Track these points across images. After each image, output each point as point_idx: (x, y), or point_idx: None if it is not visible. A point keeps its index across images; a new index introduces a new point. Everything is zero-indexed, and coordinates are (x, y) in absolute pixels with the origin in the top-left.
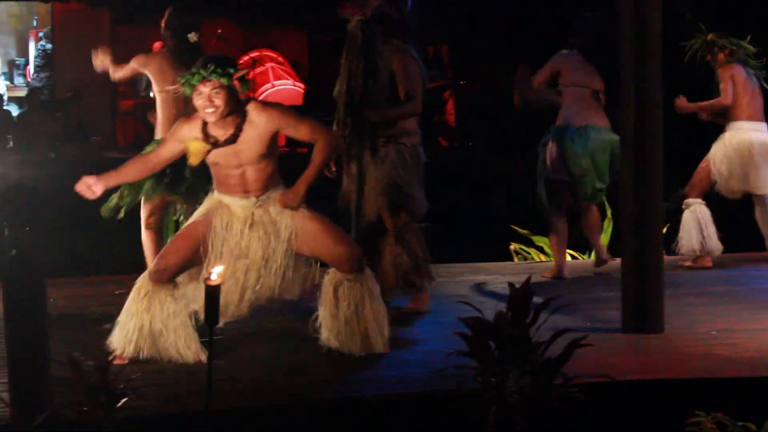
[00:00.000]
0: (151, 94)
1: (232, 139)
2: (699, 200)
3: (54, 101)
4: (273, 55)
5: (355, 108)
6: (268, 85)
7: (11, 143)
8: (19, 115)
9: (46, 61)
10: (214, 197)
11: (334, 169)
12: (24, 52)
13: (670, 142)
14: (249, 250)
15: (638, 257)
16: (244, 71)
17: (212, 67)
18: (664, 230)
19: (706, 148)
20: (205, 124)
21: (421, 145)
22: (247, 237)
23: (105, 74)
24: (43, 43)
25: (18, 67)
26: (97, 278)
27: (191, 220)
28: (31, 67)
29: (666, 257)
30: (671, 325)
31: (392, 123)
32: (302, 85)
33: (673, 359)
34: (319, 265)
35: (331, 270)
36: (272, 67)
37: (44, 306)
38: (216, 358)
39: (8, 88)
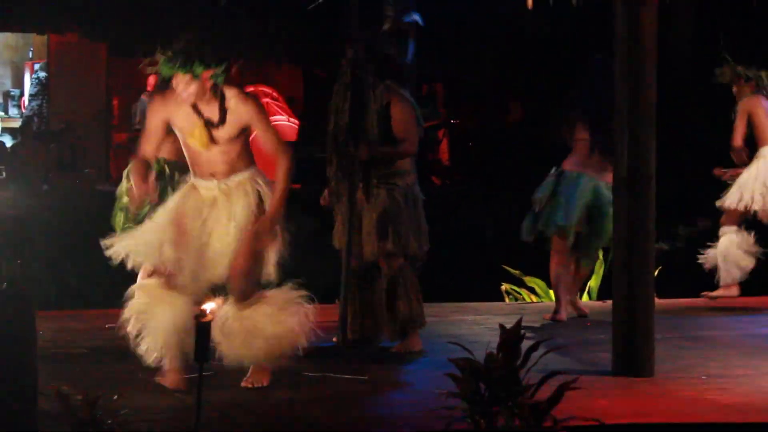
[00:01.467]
0: None
1: (222, 122)
2: (733, 228)
3: (47, 132)
4: (268, 90)
5: (341, 146)
6: None
7: (3, 174)
8: (12, 146)
9: (39, 88)
10: (188, 181)
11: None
12: (19, 83)
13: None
14: (209, 230)
15: (629, 300)
16: (218, 70)
17: (179, 62)
18: (656, 272)
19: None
20: (194, 105)
21: (417, 185)
22: (208, 218)
23: (99, 106)
24: (38, 74)
25: (13, 98)
26: (87, 312)
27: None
28: (26, 99)
29: (657, 300)
30: (661, 368)
31: (385, 164)
32: (297, 121)
33: (662, 403)
34: None
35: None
36: (267, 103)
37: (34, 340)
38: (206, 394)
39: (3, 119)
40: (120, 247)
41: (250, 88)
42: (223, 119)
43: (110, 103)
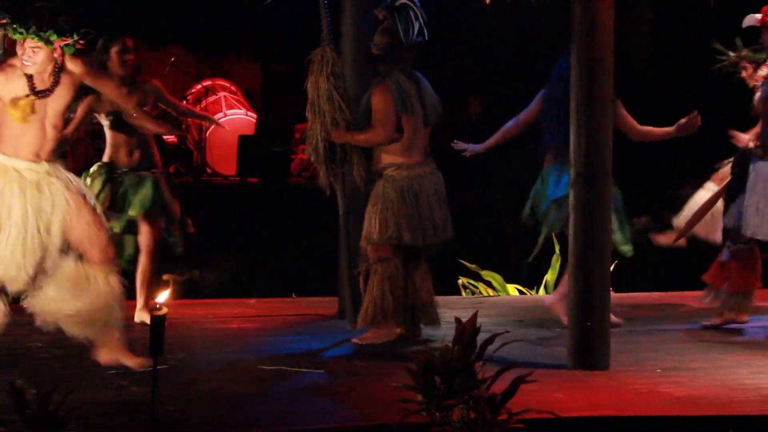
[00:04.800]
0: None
1: (52, 89)
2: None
3: None
4: (226, 84)
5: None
6: (221, 114)
7: None
8: None
9: None
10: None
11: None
12: None
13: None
14: (32, 213)
15: (585, 294)
16: (70, 42)
17: (33, 29)
18: (612, 267)
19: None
20: (30, 76)
21: (429, 177)
22: (33, 200)
23: None
24: None
25: None
26: None
27: None
28: None
29: (613, 294)
30: (617, 362)
31: (375, 155)
32: (255, 115)
33: (617, 396)
34: None
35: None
36: (225, 97)
37: None
38: (160, 388)
39: None
40: None
41: (208, 82)
42: (53, 87)
43: None
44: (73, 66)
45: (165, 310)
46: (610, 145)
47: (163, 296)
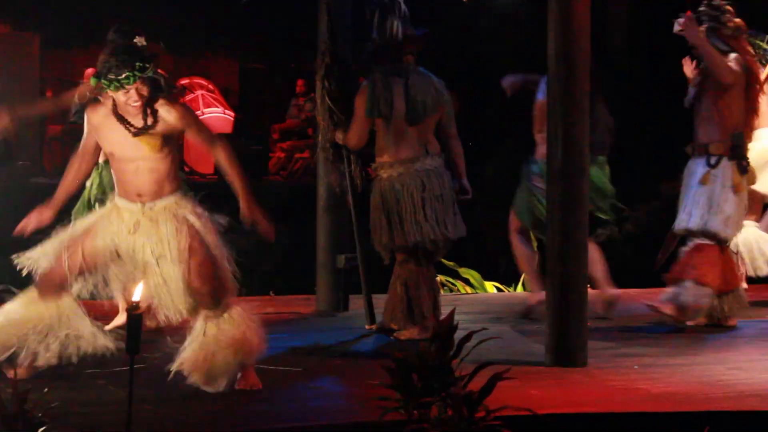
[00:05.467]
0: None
1: (153, 125)
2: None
3: None
4: (203, 82)
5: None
6: (198, 113)
7: None
8: None
9: None
10: (112, 201)
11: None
12: None
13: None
14: (136, 254)
15: (562, 290)
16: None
17: (139, 66)
18: None
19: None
20: (118, 113)
21: (415, 176)
22: (132, 241)
23: (32, 99)
24: None
25: None
26: None
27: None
28: None
29: (591, 290)
30: (594, 358)
31: (371, 155)
32: (232, 113)
33: (595, 393)
34: None
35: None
36: (202, 95)
37: None
38: (137, 388)
39: None
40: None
41: (185, 80)
42: (153, 125)
43: (44, 95)
44: (167, 113)
45: (143, 309)
46: (587, 140)
47: (138, 293)
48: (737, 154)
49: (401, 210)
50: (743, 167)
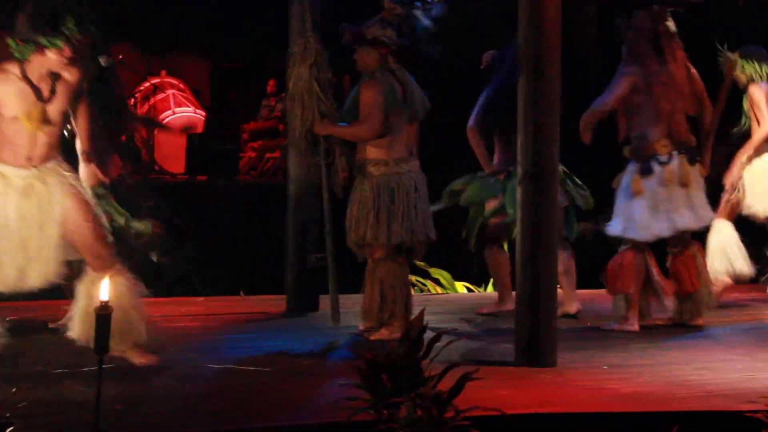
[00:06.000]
0: None
1: (58, 91)
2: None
3: None
4: (174, 82)
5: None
6: (169, 112)
7: None
8: None
9: None
10: None
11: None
12: None
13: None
14: (25, 220)
15: (532, 291)
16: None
17: (51, 32)
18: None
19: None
20: (27, 78)
21: (407, 175)
22: (21, 207)
23: None
24: None
25: None
26: None
27: None
28: None
29: (561, 291)
30: (564, 358)
31: (358, 151)
32: (203, 113)
33: (564, 393)
34: None
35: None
36: (173, 94)
37: None
38: (106, 387)
39: None
40: None
41: (156, 80)
42: (53, 91)
43: None
44: (68, 73)
45: (111, 308)
46: (557, 141)
47: (105, 293)
48: (637, 156)
49: (394, 208)
50: (645, 169)
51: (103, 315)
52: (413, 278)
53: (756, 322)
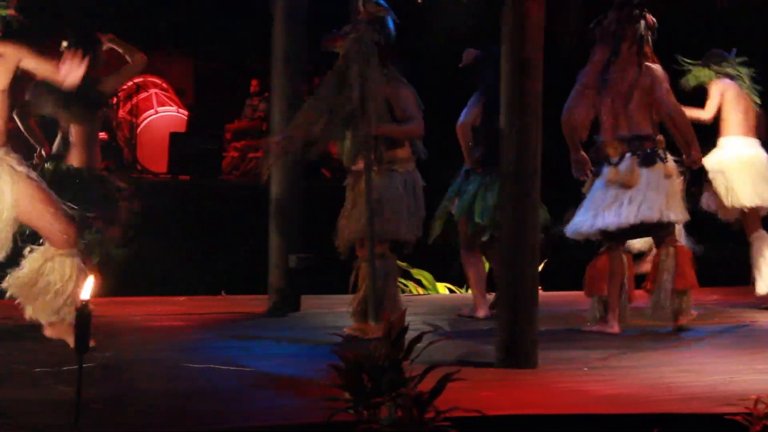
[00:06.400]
0: None
1: None
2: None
3: None
4: (157, 81)
5: (357, 122)
6: (152, 111)
7: None
8: None
9: None
10: None
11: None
12: None
13: None
14: None
15: (513, 292)
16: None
17: None
18: (541, 266)
19: None
20: None
21: (417, 172)
22: None
23: None
24: None
25: None
26: None
27: None
28: None
29: (542, 292)
30: (544, 360)
31: (386, 149)
32: (186, 112)
33: (544, 395)
34: None
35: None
36: (156, 93)
37: None
38: (87, 387)
39: None
40: None
41: (139, 79)
42: None
43: None
44: (4, 48)
45: (91, 307)
46: (539, 143)
47: (86, 291)
48: (595, 158)
49: (413, 206)
50: (597, 172)
51: (83, 314)
52: None
53: (736, 324)
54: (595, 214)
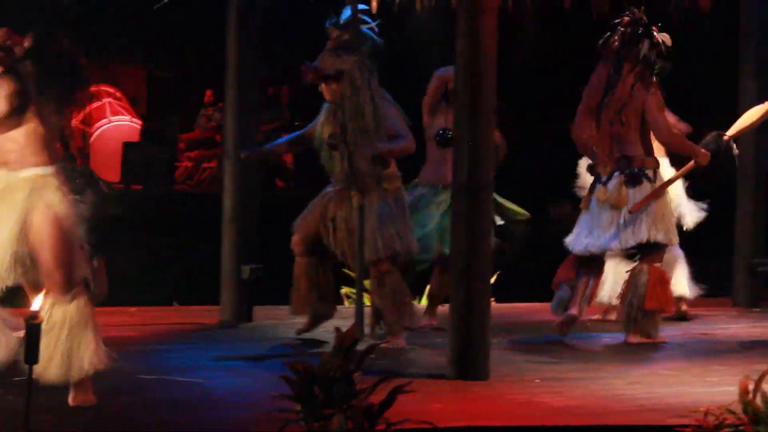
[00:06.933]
0: None
1: None
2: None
3: None
4: (111, 90)
5: (356, 145)
6: (105, 121)
7: None
8: None
9: None
10: None
11: None
12: None
13: None
14: None
15: (466, 304)
16: None
17: None
18: (494, 278)
19: None
20: None
21: (402, 187)
22: None
23: None
24: None
25: None
26: None
27: None
28: None
29: (495, 304)
30: (496, 372)
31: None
32: (139, 121)
33: (496, 406)
34: None
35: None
36: (109, 103)
37: None
38: (37, 397)
39: None
40: None
41: (93, 88)
42: None
43: None
44: None
45: (41, 318)
46: (492, 156)
47: (37, 303)
48: (591, 174)
49: (404, 221)
50: (591, 189)
51: (32, 325)
52: (348, 290)
53: (688, 337)
54: (588, 234)
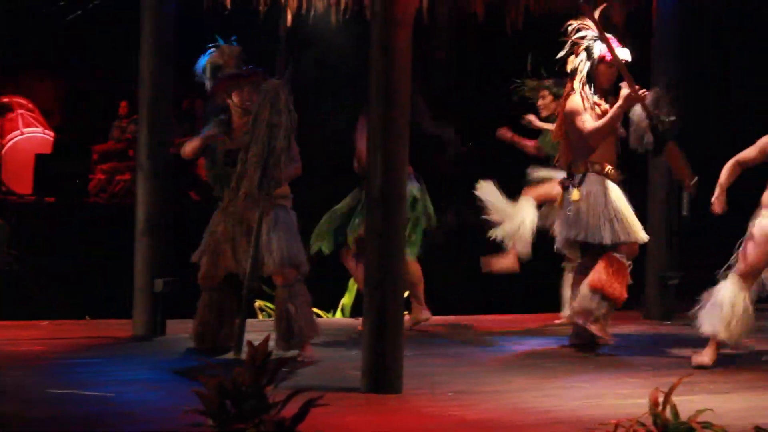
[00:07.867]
0: None
1: None
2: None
3: None
4: (23, 101)
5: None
6: (17, 132)
7: None
8: None
9: None
10: None
11: None
12: None
13: None
14: None
15: (378, 316)
16: None
17: None
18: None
19: None
20: None
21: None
22: None
23: None
24: None
25: None
26: None
27: None
28: None
29: (408, 316)
30: (409, 385)
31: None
32: (52, 133)
33: (408, 420)
34: None
35: None
36: (22, 114)
37: None
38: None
39: None
40: None
41: (5, 99)
42: None
43: None
44: None
45: None
46: (406, 167)
47: None
48: None
49: (297, 234)
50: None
51: None
52: (261, 303)
53: (602, 347)
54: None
